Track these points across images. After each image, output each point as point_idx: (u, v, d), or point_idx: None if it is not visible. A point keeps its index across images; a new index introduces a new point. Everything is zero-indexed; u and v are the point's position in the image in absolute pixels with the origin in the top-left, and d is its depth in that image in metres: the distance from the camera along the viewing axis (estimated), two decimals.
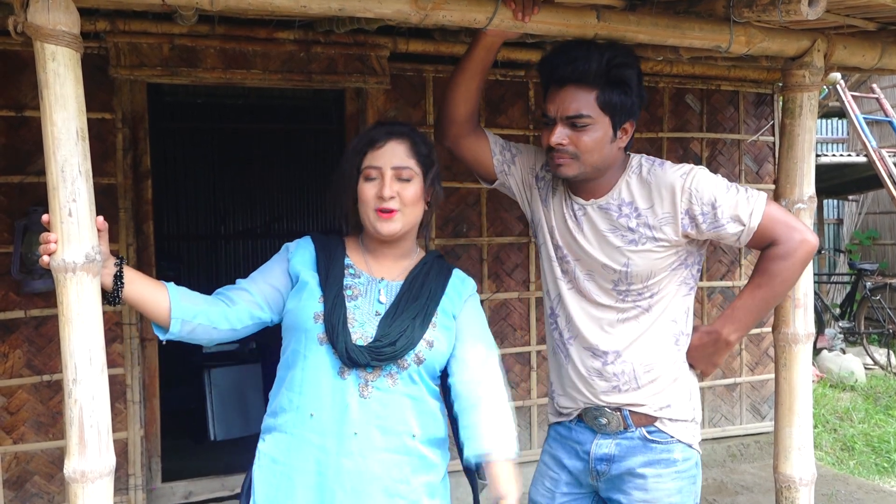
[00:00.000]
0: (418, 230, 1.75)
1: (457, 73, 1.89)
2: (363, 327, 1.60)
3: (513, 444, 1.63)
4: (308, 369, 1.58)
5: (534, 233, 1.96)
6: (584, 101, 1.69)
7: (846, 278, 8.85)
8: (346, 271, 1.66)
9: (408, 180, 1.65)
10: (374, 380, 1.58)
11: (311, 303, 1.61)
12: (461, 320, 1.70)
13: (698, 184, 1.71)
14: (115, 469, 1.53)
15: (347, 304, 1.61)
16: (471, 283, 1.78)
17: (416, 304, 1.63)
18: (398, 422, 1.59)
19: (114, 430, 1.58)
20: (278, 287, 1.68)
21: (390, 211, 1.62)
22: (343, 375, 1.57)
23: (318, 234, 1.75)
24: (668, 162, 1.79)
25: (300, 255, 1.69)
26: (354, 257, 1.70)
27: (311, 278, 1.64)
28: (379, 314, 1.62)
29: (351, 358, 1.54)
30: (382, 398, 1.57)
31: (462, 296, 1.73)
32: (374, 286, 1.66)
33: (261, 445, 1.65)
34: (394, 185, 1.63)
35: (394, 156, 1.64)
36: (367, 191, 1.64)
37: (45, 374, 3.08)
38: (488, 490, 1.60)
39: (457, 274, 1.76)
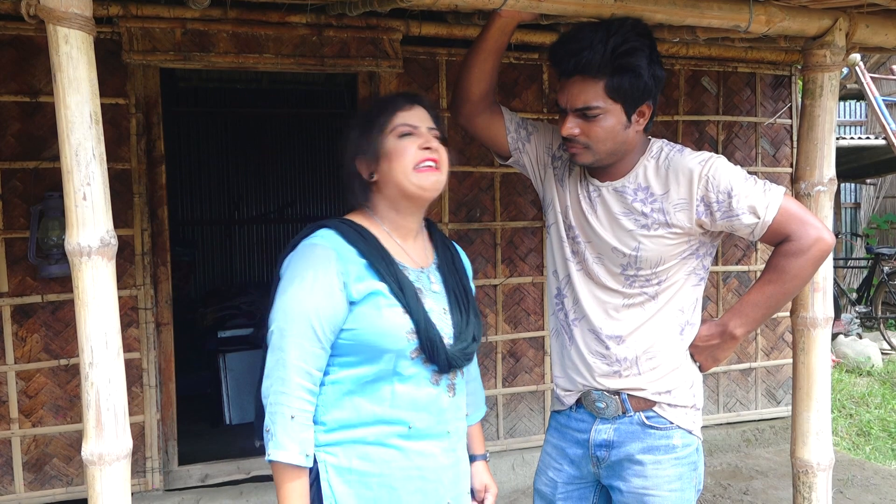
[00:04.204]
0: None
1: (471, 55, 1.87)
2: (442, 330, 1.54)
3: (483, 408, 1.84)
4: (401, 384, 1.51)
5: (545, 212, 1.94)
6: (591, 93, 1.67)
7: (863, 262, 8.77)
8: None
9: (438, 139, 1.59)
10: (455, 378, 1.60)
11: (396, 319, 1.48)
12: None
13: (716, 171, 1.68)
14: (133, 452, 1.54)
15: (427, 310, 1.53)
16: (464, 254, 1.80)
17: (466, 292, 1.65)
18: (464, 407, 1.67)
19: (131, 414, 1.59)
20: (342, 320, 1.48)
21: (434, 162, 1.54)
22: (437, 383, 1.55)
23: (340, 227, 1.53)
24: (688, 149, 1.76)
25: (353, 269, 1.48)
26: (388, 246, 1.56)
27: (379, 286, 1.48)
28: (445, 310, 1.58)
29: (451, 365, 1.53)
30: (461, 392, 1.63)
31: (470, 271, 1.77)
32: (422, 278, 1.59)
33: (331, 459, 1.49)
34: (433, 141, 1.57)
35: (425, 118, 1.59)
36: (406, 145, 1.53)
37: (63, 358, 3.11)
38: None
39: (457, 247, 1.77)
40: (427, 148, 1.55)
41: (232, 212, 7.73)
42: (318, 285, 1.45)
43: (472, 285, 1.73)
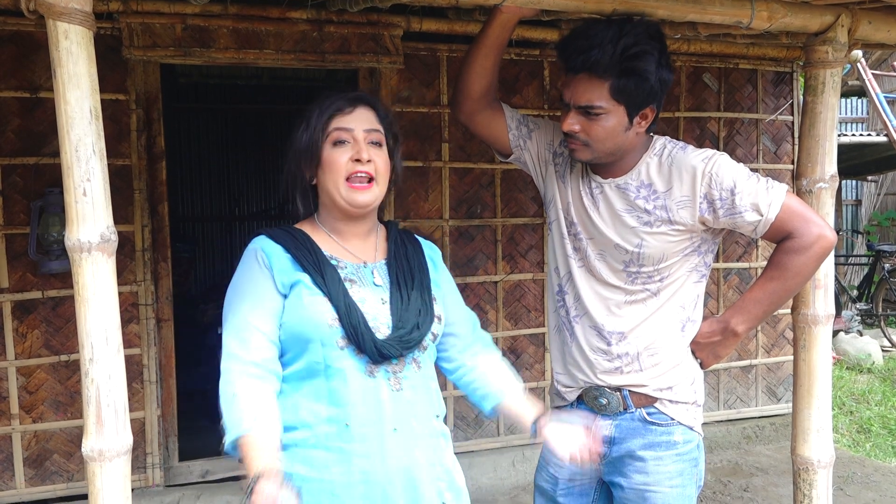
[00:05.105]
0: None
1: (472, 51, 1.87)
2: (377, 319, 1.50)
3: (517, 383, 1.73)
4: (334, 378, 1.46)
5: (546, 209, 1.94)
6: (596, 92, 1.66)
7: (864, 260, 8.76)
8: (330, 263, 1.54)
9: (379, 145, 1.55)
10: (401, 371, 1.51)
11: (318, 307, 1.46)
12: (443, 289, 1.68)
13: (719, 169, 1.69)
14: (133, 448, 1.54)
15: (354, 298, 1.50)
16: (437, 248, 1.75)
17: (414, 280, 1.58)
18: (427, 405, 1.56)
19: (131, 410, 1.58)
20: (279, 310, 1.50)
21: (368, 180, 1.53)
22: (373, 374, 1.48)
23: (271, 231, 1.56)
24: (691, 146, 1.76)
25: (278, 263, 1.50)
26: (325, 246, 1.55)
27: (301, 276, 1.49)
28: (384, 301, 1.54)
29: (382, 354, 1.46)
30: (412, 386, 1.53)
31: (437, 263, 1.71)
32: (362, 272, 1.56)
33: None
34: (369, 150, 1.53)
35: (365, 119, 1.55)
36: (338, 156, 1.51)
37: (63, 354, 3.12)
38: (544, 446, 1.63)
39: (423, 242, 1.72)
40: (358, 160, 1.51)
41: (232, 208, 7.73)
42: (248, 281, 1.51)
43: (436, 277, 1.66)
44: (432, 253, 1.71)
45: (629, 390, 1.77)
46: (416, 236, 1.73)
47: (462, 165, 3.64)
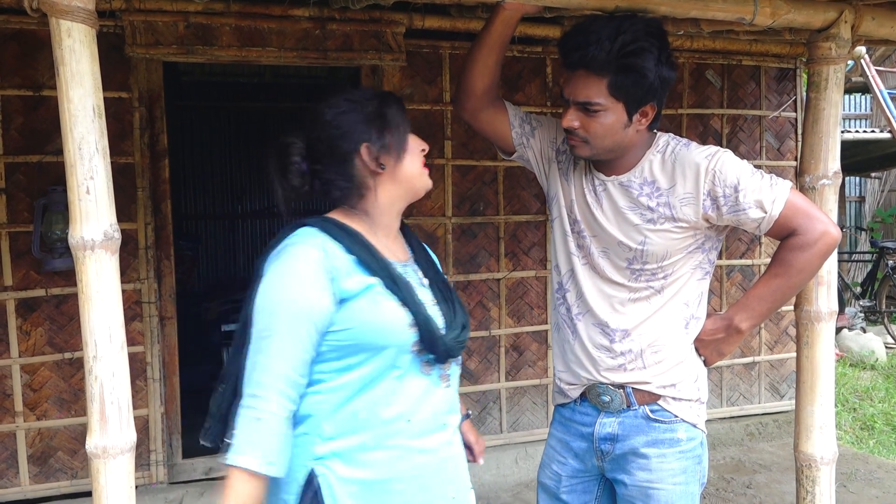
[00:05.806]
0: None
1: (474, 48, 1.87)
2: (436, 320, 1.52)
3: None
4: (398, 378, 1.46)
5: (549, 206, 1.94)
6: (594, 89, 1.66)
7: (868, 256, 8.74)
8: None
9: None
10: (448, 369, 1.55)
11: (394, 312, 1.43)
12: None
13: (723, 165, 1.68)
14: (137, 445, 1.55)
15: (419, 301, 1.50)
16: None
17: (443, 282, 1.62)
18: (457, 400, 1.61)
19: (135, 408, 1.59)
20: (324, 331, 1.42)
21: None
22: (427, 372, 1.49)
23: (323, 224, 1.48)
24: (694, 143, 1.76)
25: (341, 265, 1.42)
26: (372, 241, 1.52)
27: (371, 281, 1.44)
28: (435, 302, 1.55)
29: (450, 355, 1.50)
30: (454, 382, 1.58)
31: (439, 264, 1.74)
32: (408, 272, 1.56)
33: (331, 472, 1.43)
34: None
35: None
36: (417, 145, 1.58)
37: (67, 352, 3.13)
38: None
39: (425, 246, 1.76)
40: (423, 150, 1.61)
41: (235, 206, 7.74)
42: (304, 284, 1.39)
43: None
44: (435, 258, 1.74)
45: (632, 387, 1.77)
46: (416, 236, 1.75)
47: (465, 163, 3.64)
